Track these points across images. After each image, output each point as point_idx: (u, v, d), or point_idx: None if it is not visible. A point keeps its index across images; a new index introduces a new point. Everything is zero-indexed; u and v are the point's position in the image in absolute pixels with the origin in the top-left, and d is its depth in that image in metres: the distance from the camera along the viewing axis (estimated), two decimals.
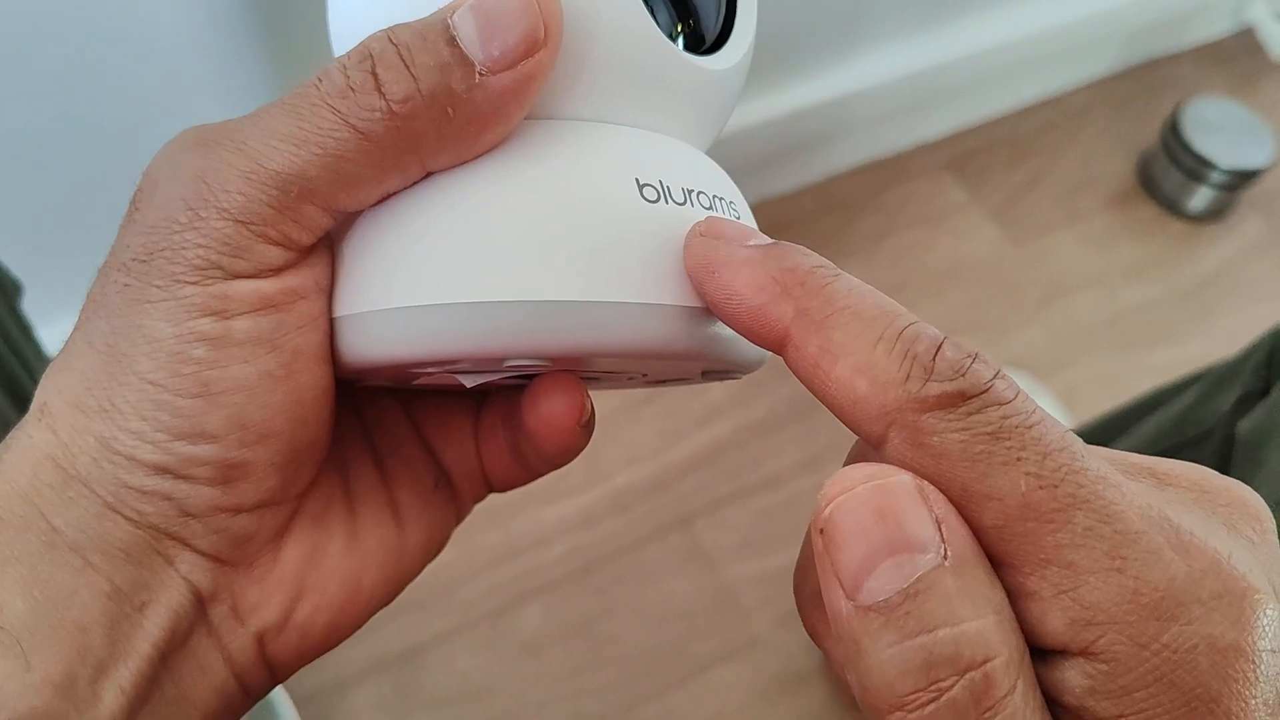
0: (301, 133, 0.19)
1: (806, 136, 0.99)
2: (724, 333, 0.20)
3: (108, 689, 0.19)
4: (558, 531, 0.84)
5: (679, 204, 0.20)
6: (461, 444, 0.26)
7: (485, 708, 0.77)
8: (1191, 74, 1.19)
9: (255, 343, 0.19)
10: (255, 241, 0.19)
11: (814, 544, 0.16)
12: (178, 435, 0.19)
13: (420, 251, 0.19)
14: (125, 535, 0.20)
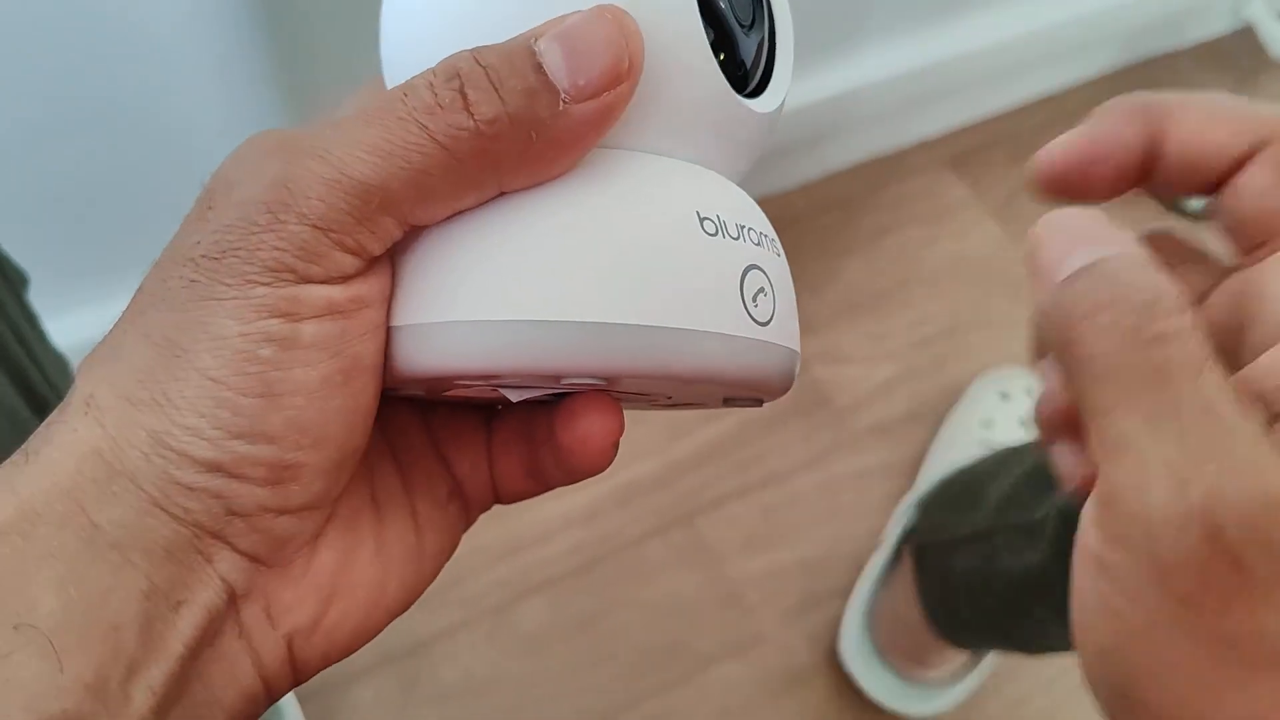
0: (387, 145, 0.19)
1: (807, 133, 0.99)
2: (773, 362, 0.22)
3: (139, 690, 0.19)
4: (561, 527, 0.84)
5: (734, 239, 0.21)
6: (474, 458, 0.26)
7: (488, 703, 0.77)
8: (1191, 72, 1.19)
9: (320, 347, 0.20)
10: (332, 249, 0.19)
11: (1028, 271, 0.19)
12: (235, 434, 0.19)
13: (490, 267, 0.20)
14: (168, 533, 0.19)
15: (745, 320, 0.21)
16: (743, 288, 0.21)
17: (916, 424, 0.92)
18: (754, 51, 0.23)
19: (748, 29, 0.23)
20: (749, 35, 0.23)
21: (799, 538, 0.86)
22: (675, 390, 0.23)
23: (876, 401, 0.94)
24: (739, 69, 0.23)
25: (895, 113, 1.05)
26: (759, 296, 0.21)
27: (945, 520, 0.77)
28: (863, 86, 0.98)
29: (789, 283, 0.23)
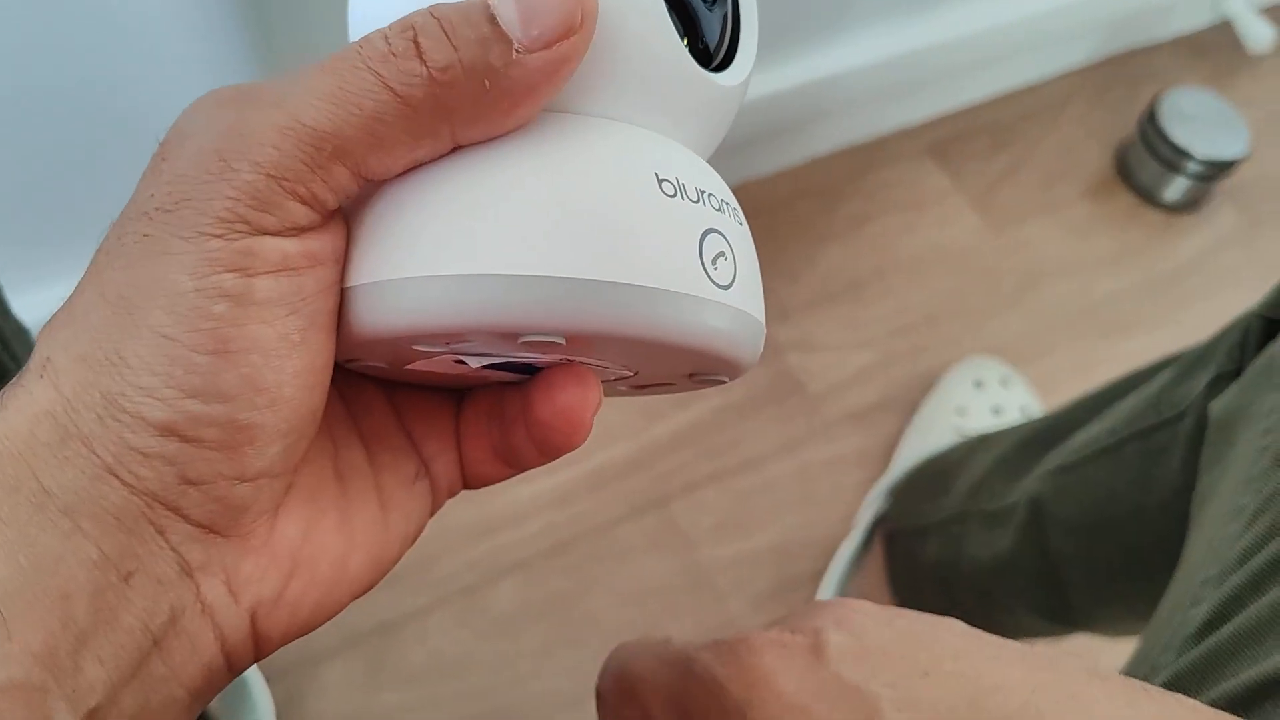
0: (341, 92, 0.19)
1: (787, 119, 0.99)
2: (734, 328, 0.22)
3: (88, 660, 0.19)
4: (533, 509, 0.84)
5: (693, 202, 0.21)
6: (441, 439, 0.26)
7: (458, 684, 0.77)
8: (1170, 65, 1.20)
9: (275, 304, 0.20)
10: (285, 198, 0.19)
11: None
12: (190, 392, 0.19)
13: (446, 221, 0.20)
14: (119, 500, 0.19)
15: (704, 282, 0.21)
16: (701, 250, 0.21)
17: (890, 412, 0.93)
18: (718, 27, 0.23)
19: (710, 4, 0.23)
20: (712, 10, 0.23)
21: (771, 523, 0.86)
22: (637, 361, 0.23)
23: (851, 389, 0.94)
24: (701, 43, 0.23)
25: (876, 100, 1.05)
26: (719, 260, 0.21)
27: (916, 506, 0.77)
28: (844, 73, 0.98)
29: (752, 253, 0.23)
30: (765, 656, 0.24)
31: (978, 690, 0.22)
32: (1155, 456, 0.53)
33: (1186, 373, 0.52)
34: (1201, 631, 0.35)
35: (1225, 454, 0.43)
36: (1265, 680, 0.30)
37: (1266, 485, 0.37)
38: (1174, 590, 0.41)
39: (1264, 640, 0.32)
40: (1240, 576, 0.35)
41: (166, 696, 0.20)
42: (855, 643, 0.24)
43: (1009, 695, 0.22)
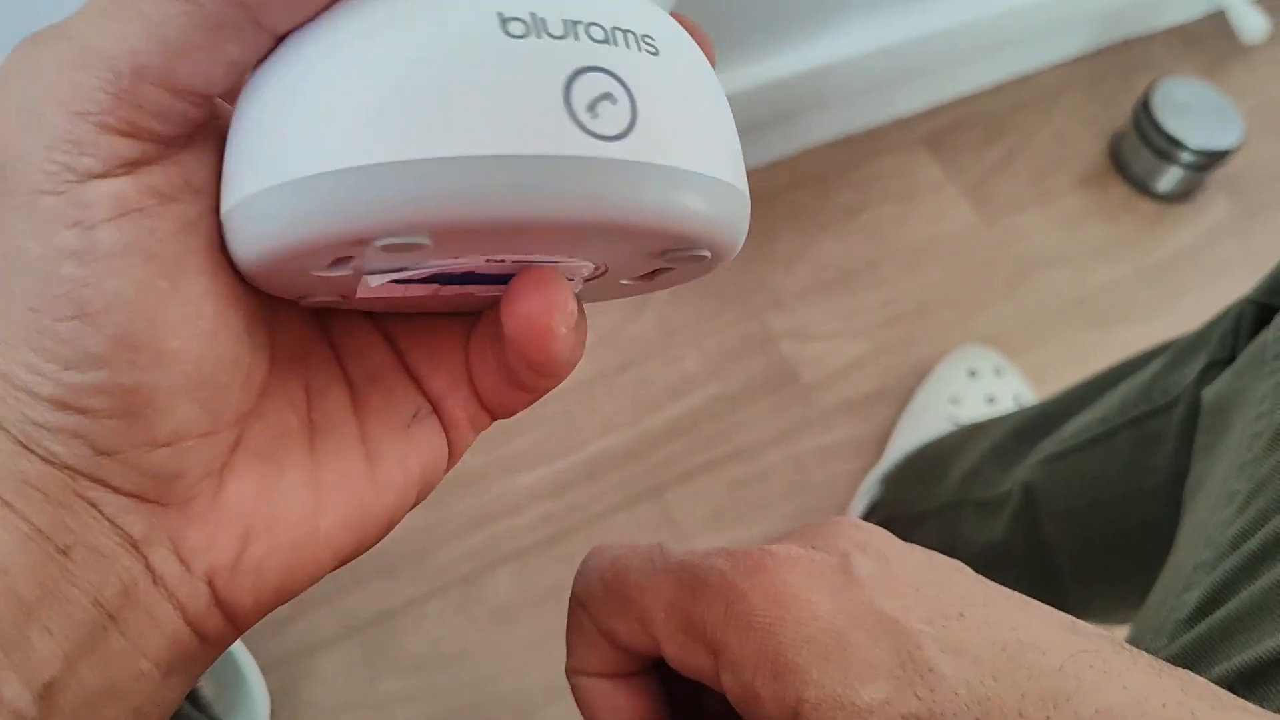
0: (119, 5, 0.17)
1: (781, 109, 0.99)
2: (644, 185, 0.18)
3: (35, 632, 0.18)
4: (529, 499, 0.84)
5: (556, 37, 0.17)
6: (452, 370, 0.24)
7: (455, 674, 0.77)
8: (1164, 55, 1.20)
9: (126, 252, 0.18)
10: (98, 133, 0.17)
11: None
12: (64, 364, 0.18)
13: (275, 124, 0.18)
14: (39, 474, 0.19)
15: (577, 135, 0.17)
16: (569, 96, 0.17)
17: (884, 401, 0.93)
18: None
19: None
20: None
21: (766, 512, 0.86)
22: (579, 249, 0.20)
23: (845, 378, 0.94)
24: None
25: (870, 91, 1.05)
26: (600, 105, 0.17)
27: (910, 495, 0.78)
28: (838, 63, 0.98)
29: (676, 85, 0.19)
30: (794, 572, 0.22)
31: (1015, 642, 0.21)
32: (1148, 444, 0.53)
33: (1179, 360, 0.52)
34: (1194, 616, 0.35)
35: (1218, 441, 0.43)
36: (1258, 664, 0.31)
37: (1259, 470, 0.37)
38: (1166, 576, 0.41)
39: (1257, 625, 0.32)
40: (1233, 561, 0.35)
41: (132, 670, 0.20)
42: (884, 570, 0.23)
43: (1046, 654, 0.21)
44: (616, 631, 0.25)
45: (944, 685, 0.21)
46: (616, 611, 0.24)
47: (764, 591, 0.22)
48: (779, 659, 0.21)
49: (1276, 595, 0.33)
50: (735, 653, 0.22)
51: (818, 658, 0.21)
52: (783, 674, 0.21)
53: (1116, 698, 0.20)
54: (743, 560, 0.23)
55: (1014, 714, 0.20)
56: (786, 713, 0.21)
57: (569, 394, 0.89)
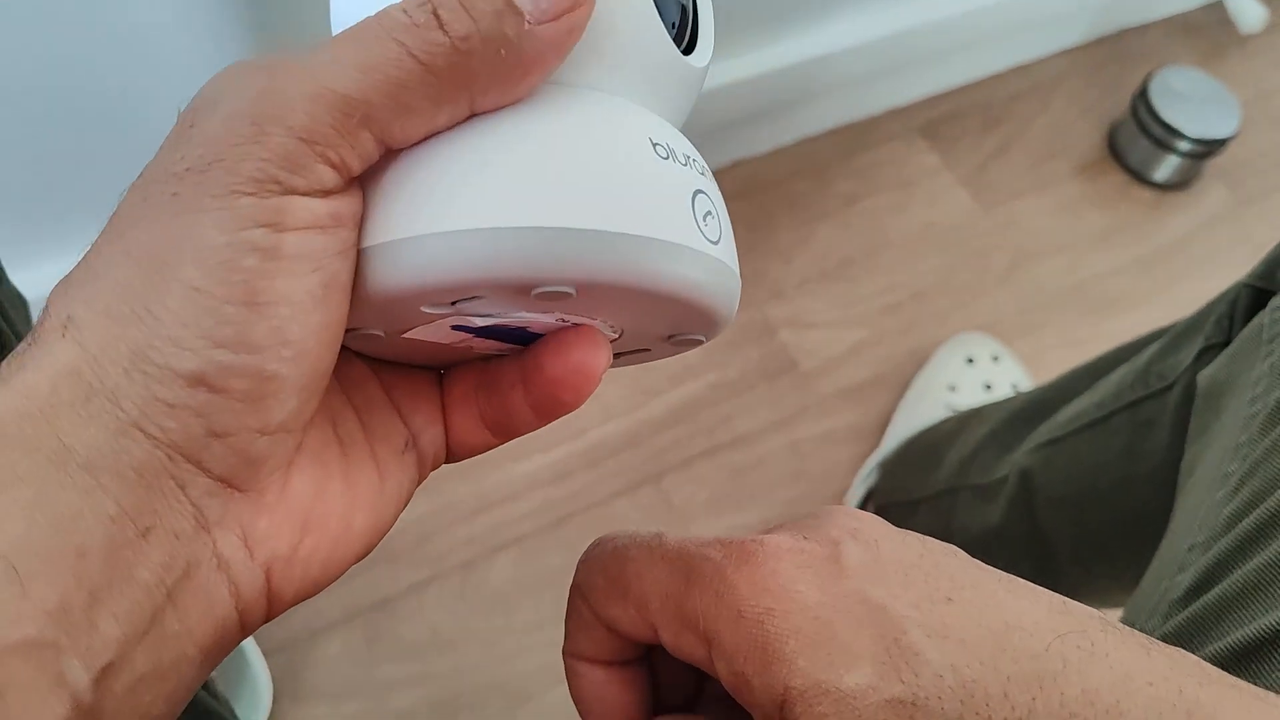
0: (368, 60, 0.20)
1: (780, 98, 0.99)
2: (724, 281, 0.23)
3: (103, 617, 0.19)
4: (529, 485, 0.84)
5: (682, 165, 0.23)
6: (428, 412, 0.27)
7: (455, 658, 0.78)
8: (1162, 45, 1.20)
9: (303, 259, 0.20)
10: (315, 161, 0.20)
11: None
12: (220, 343, 0.20)
13: (466, 177, 0.21)
14: (141, 454, 0.19)
15: (699, 236, 0.22)
16: (694, 208, 0.22)
17: (882, 388, 0.93)
18: (677, 14, 0.25)
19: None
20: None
21: (764, 498, 0.87)
22: (627, 318, 0.24)
23: (843, 366, 0.94)
24: (671, 26, 0.24)
25: (868, 79, 1.05)
26: (708, 218, 0.23)
27: (907, 480, 0.78)
28: (835, 53, 0.98)
29: (728, 218, 0.25)
30: (783, 563, 0.23)
31: (1002, 624, 0.22)
32: (1143, 428, 0.53)
33: (1175, 345, 0.53)
34: (1187, 597, 0.36)
35: (1212, 423, 0.44)
36: (1250, 642, 0.31)
37: (1253, 452, 0.37)
38: (1160, 557, 0.42)
39: (1250, 604, 0.33)
40: (1226, 542, 0.35)
41: (178, 654, 0.20)
42: (873, 557, 0.23)
43: (1032, 636, 0.22)
44: (616, 619, 0.25)
45: (929, 669, 0.21)
46: (616, 599, 0.25)
47: (753, 582, 0.23)
48: (767, 649, 0.22)
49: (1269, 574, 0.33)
50: (726, 642, 0.23)
51: (805, 646, 0.22)
52: (771, 663, 0.22)
53: (1102, 677, 0.21)
54: (735, 551, 0.24)
55: (999, 696, 0.21)
56: (775, 700, 0.22)
57: None
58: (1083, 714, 0.21)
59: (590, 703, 0.27)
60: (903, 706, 0.21)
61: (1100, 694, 0.21)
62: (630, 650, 0.27)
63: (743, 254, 0.97)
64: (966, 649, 0.21)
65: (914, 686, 0.21)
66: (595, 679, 0.27)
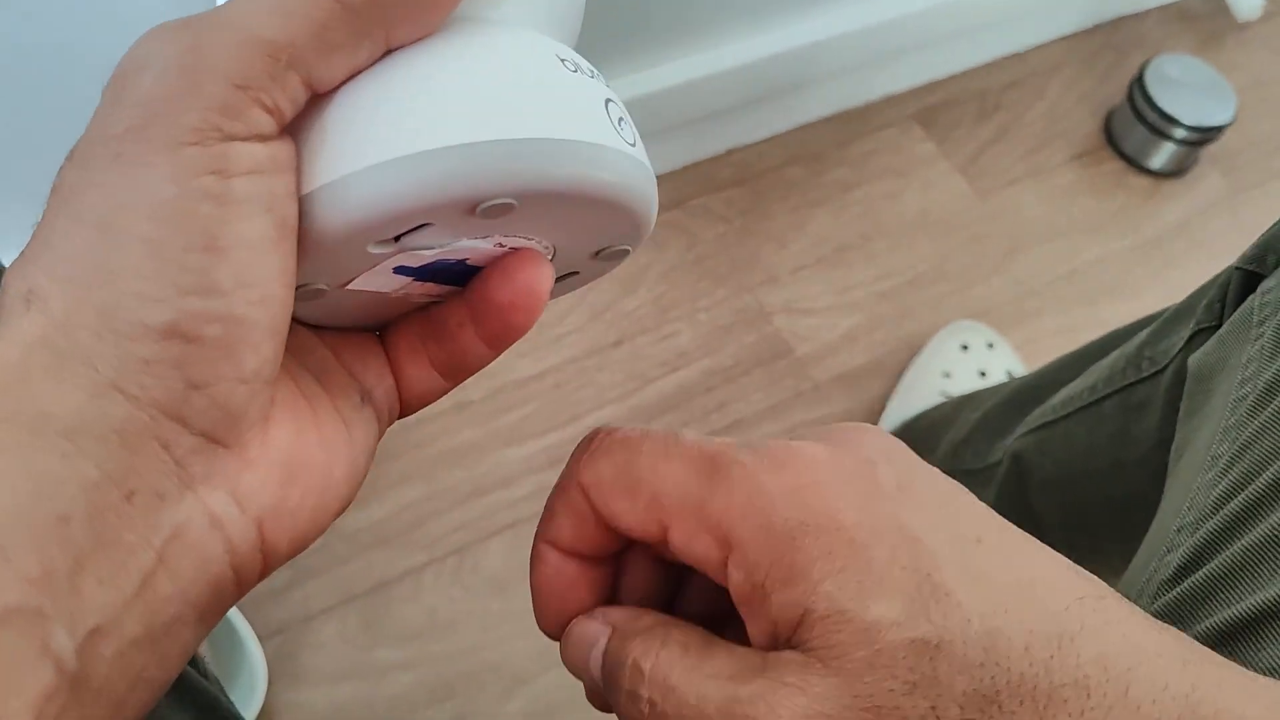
0: (288, 5, 0.20)
1: (774, 85, 0.99)
2: (648, 182, 0.24)
3: (87, 581, 0.19)
4: (524, 470, 0.85)
5: (590, 77, 0.24)
6: (376, 369, 0.27)
7: (450, 643, 0.78)
8: (1158, 32, 1.20)
9: (254, 201, 0.20)
10: (251, 106, 0.20)
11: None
12: (187, 290, 0.20)
13: (400, 107, 0.21)
14: (122, 414, 0.20)
15: (619, 139, 0.23)
16: (609, 114, 0.23)
17: (877, 375, 0.94)
18: None
19: None
20: None
21: None
22: (560, 233, 0.25)
23: (838, 352, 0.95)
24: None
25: (864, 66, 1.05)
26: (622, 124, 0.24)
27: None
28: (832, 39, 0.98)
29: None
30: (821, 475, 0.23)
31: (1029, 576, 0.22)
32: (1134, 412, 0.54)
33: (1167, 329, 0.53)
34: (1176, 577, 0.36)
35: (1202, 406, 0.44)
36: (1235, 622, 0.31)
37: (1241, 434, 0.37)
38: (1150, 539, 0.42)
39: (1236, 584, 0.33)
40: (1215, 523, 0.36)
41: (172, 616, 0.20)
42: (909, 483, 0.23)
43: (1054, 593, 0.22)
44: (619, 514, 0.25)
45: (959, 613, 0.21)
46: (624, 494, 0.24)
47: (789, 493, 0.22)
48: (794, 566, 0.22)
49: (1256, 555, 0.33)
50: (749, 551, 0.22)
51: (834, 570, 0.21)
52: (795, 581, 0.21)
53: (1115, 645, 0.21)
54: (767, 455, 0.23)
55: (1020, 650, 0.21)
56: (790, 620, 0.22)
57: (563, 368, 0.90)
58: (1095, 678, 0.21)
59: (551, 595, 0.26)
60: (925, 647, 0.21)
61: (1112, 660, 0.21)
62: (611, 547, 0.26)
63: (738, 240, 0.97)
64: (995, 596, 0.21)
65: (941, 628, 0.21)
66: (565, 571, 0.26)
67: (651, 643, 0.23)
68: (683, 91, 0.92)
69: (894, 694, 0.21)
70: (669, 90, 0.91)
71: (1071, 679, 0.20)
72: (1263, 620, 0.31)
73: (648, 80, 0.91)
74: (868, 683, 0.21)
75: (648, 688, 0.23)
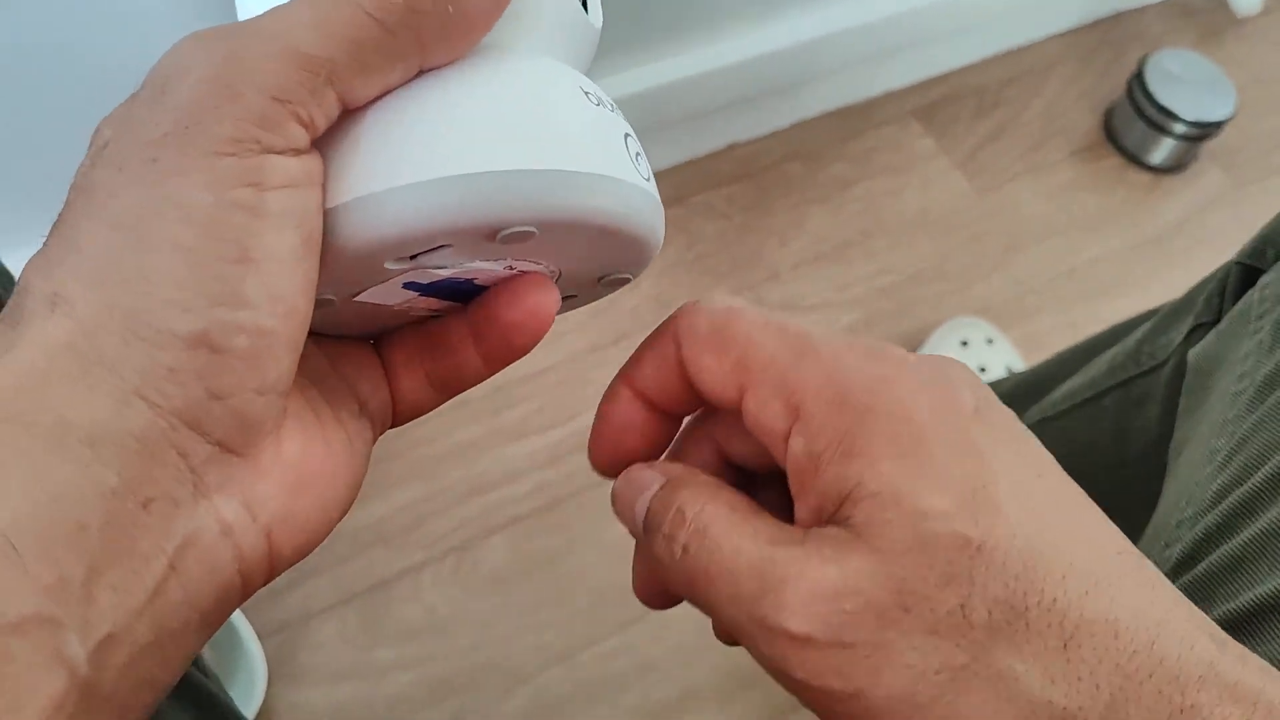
0: (327, 20, 0.21)
1: (774, 82, 0.99)
2: (658, 215, 0.25)
3: (102, 589, 0.19)
4: (524, 469, 0.85)
5: (610, 111, 0.25)
6: (372, 379, 0.27)
7: (450, 640, 0.78)
8: (1157, 27, 1.20)
9: (286, 215, 0.21)
10: (288, 119, 0.20)
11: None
12: (216, 300, 0.20)
13: (430, 130, 0.22)
14: (143, 423, 0.20)
15: (635, 173, 0.24)
16: (628, 148, 0.24)
17: None
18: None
19: None
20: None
21: None
22: (569, 259, 0.25)
23: None
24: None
25: (863, 63, 1.05)
26: (639, 158, 0.24)
27: None
28: (831, 36, 0.98)
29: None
30: (905, 374, 0.23)
31: (1076, 519, 0.22)
32: (1134, 407, 0.54)
33: (1166, 323, 0.53)
34: (1175, 571, 0.36)
35: (1202, 401, 0.44)
36: (1237, 615, 0.31)
37: (1240, 428, 0.37)
38: (1149, 534, 0.42)
39: (1234, 579, 0.33)
40: (1213, 517, 0.36)
41: (181, 622, 0.21)
42: (984, 409, 0.24)
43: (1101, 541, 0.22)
44: (704, 369, 0.25)
45: (1004, 525, 0.21)
46: (714, 350, 0.25)
47: (869, 377, 0.23)
48: (857, 441, 0.22)
49: (1254, 549, 0.33)
50: (816, 421, 0.23)
51: (894, 454, 0.22)
52: (854, 455, 0.22)
53: (1148, 601, 0.21)
54: (860, 345, 0.24)
55: (1058, 577, 0.21)
56: (840, 493, 0.22)
57: (563, 365, 0.89)
58: (1125, 622, 0.21)
59: (612, 431, 0.27)
60: (968, 545, 0.21)
61: (1143, 612, 0.21)
62: (680, 405, 0.27)
63: (738, 236, 0.97)
64: (1042, 524, 0.22)
65: (985, 533, 0.21)
66: (632, 413, 0.27)
67: (700, 494, 0.24)
68: (683, 87, 0.92)
69: (927, 583, 0.21)
70: (670, 85, 0.91)
71: (1102, 618, 0.21)
72: (1263, 614, 0.31)
73: (648, 75, 0.91)
74: (904, 566, 0.21)
75: (686, 533, 0.23)
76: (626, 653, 0.78)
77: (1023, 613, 0.21)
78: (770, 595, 0.22)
